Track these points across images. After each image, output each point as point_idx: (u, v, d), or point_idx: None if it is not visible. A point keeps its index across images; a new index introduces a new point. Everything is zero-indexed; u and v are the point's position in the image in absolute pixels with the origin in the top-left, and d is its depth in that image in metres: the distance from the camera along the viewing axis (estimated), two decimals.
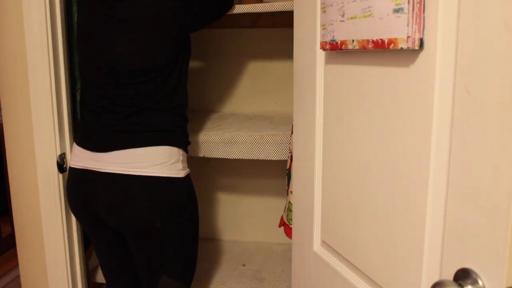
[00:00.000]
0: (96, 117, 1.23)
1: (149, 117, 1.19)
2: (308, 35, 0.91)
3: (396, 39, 0.60)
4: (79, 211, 1.29)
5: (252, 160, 1.43)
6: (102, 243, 1.33)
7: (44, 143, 1.35)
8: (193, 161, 1.89)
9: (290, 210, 1.32)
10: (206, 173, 1.96)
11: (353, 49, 0.71)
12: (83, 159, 1.23)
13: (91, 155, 1.21)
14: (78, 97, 1.45)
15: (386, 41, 0.62)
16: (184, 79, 1.27)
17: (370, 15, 0.65)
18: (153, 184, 1.17)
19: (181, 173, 1.21)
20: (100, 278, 1.65)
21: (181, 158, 1.22)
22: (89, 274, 1.59)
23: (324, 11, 0.79)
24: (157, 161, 1.17)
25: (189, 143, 1.28)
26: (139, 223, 1.18)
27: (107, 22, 1.18)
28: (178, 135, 1.23)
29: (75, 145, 1.28)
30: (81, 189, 1.25)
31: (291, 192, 1.30)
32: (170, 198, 1.19)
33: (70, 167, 1.28)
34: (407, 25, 0.58)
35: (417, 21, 0.58)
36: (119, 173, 1.17)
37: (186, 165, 1.25)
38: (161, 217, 1.18)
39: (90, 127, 1.24)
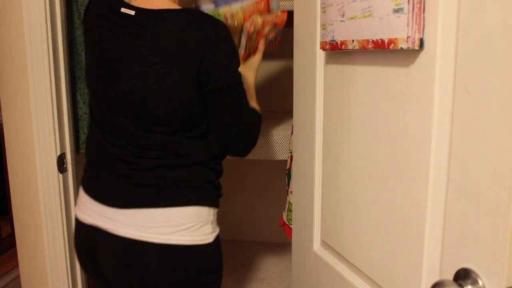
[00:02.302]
0: (108, 163, 1.00)
1: (175, 171, 0.96)
2: (308, 35, 0.91)
3: (396, 39, 0.60)
4: (88, 270, 1.09)
5: (252, 160, 1.43)
6: None
7: (44, 143, 1.35)
8: None
9: (290, 210, 1.32)
10: None
11: (353, 49, 0.71)
12: (91, 212, 1.00)
13: (100, 209, 0.98)
14: (78, 97, 1.45)
15: (386, 41, 0.62)
16: None
17: (370, 15, 0.65)
18: (176, 254, 0.95)
19: (209, 238, 0.98)
20: None
21: (211, 218, 1.01)
22: None
23: (324, 11, 0.79)
24: (183, 225, 0.95)
25: (221, 195, 1.06)
26: None
27: (127, 51, 0.94)
28: (209, 191, 1.01)
29: (81, 190, 1.05)
30: (88, 249, 1.03)
31: (291, 192, 1.30)
32: (196, 270, 0.98)
33: (76, 218, 1.05)
34: (407, 25, 0.58)
35: (417, 21, 0.58)
36: (135, 238, 0.94)
37: (215, 224, 1.03)
38: None
39: (100, 173, 1.01)
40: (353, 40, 0.71)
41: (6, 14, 1.32)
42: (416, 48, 0.59)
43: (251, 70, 1.16)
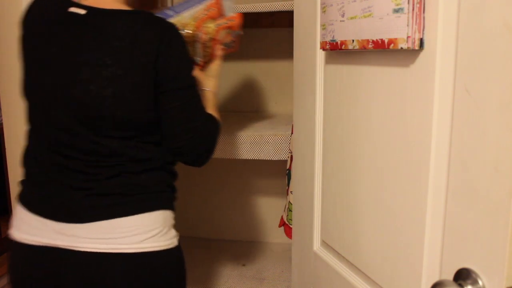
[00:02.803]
0: (57, 177, 0.91)
1: (139, 176, 0.92)
2: (308, 35, 0.91)
3: (396, 39, 0.60)
4: None
5: (252, 160, 1.43)
6: None
7: None
8: None
9: (290, 210, 1.32)
10: (206, 173, 1.96)
11: (353, 49, 0.71)
12: (43, 232, 0.89)
13: (56, 227, 0.89)
14: None
15: (386, 41, 0.62)
16: None
17: (370, 15, 0.65)
18: (151, 261, 0.92)
19: (175, 241, 0.97)
20: None
21: (172, 221, 0.99)
22: None
23: (324, 11, 0.79)
24: (153, 231, 0.91)
25: (176, 198, 1.04)
26: None
27: (76, 53, 0.88)
28: (169, 194, 0.99)
29: (22, 210, 0.93)
30: (45, 274, 0.91)
31: (291, 192, 1.30)
32: (169, 273, 0.96)
33: (18, 243, 0.91)
34: (407, 25, 0.58)
35: (417, 21, 0.58)
36: (105, 252, 0.88)
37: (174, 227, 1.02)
38: None
39: (48, 189, 0.92)
40: (353, 40, 0.71)
41: (6, 14, 1.32)
42: (416, 48, 0.59)
43: (211, 78, 1.13)
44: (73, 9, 0.90)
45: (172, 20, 1.09)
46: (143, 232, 0.90)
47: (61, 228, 0.89)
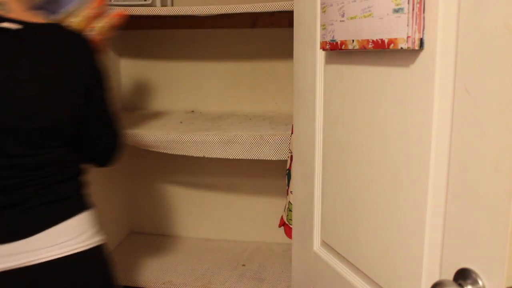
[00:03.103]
0: None
1: (67, 181, 0.95)
2: (308, 35, 0.91)
3: (396, 39, 0.60)
4: None
5: (252, 160, 1.43)
6: None
7: None
8: (193, 161, 1.89)
9: (290, 210, 1.32)
10: (206, 173, 1.96)
11: (353, 49, 0.71)
12: None
13: (1, 251, 0.86)
14: None
15: (386, 41, 0.62)
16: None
17: (370, 15, 0.65)
18: (101, 253, 0.99)
19: (103, 236, 1.03)
20: None
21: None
22: None
23: (324, 11, 0.79)
24: (95, 227, 0.99)
25: None
26: None
27: (18, 71, 0.85)
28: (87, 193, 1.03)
29: None
30: None
31: (291, 192, 1.30)
32: (109, 264, 1.02)
33: None
34: (407, 25, 0.58)
35: (417, 21, 0.58)
36: (62, 256, 0.90)
37: None
38: None
39: None
40: (353, 40, 0.71)
41: None
42: (416, 48, 0.59)
43: None
44: (5, 24, 0.86)
45: (59, 17, 1.09)
46: (88, 229, 0.97)
47: (11, 249, 0.86)
